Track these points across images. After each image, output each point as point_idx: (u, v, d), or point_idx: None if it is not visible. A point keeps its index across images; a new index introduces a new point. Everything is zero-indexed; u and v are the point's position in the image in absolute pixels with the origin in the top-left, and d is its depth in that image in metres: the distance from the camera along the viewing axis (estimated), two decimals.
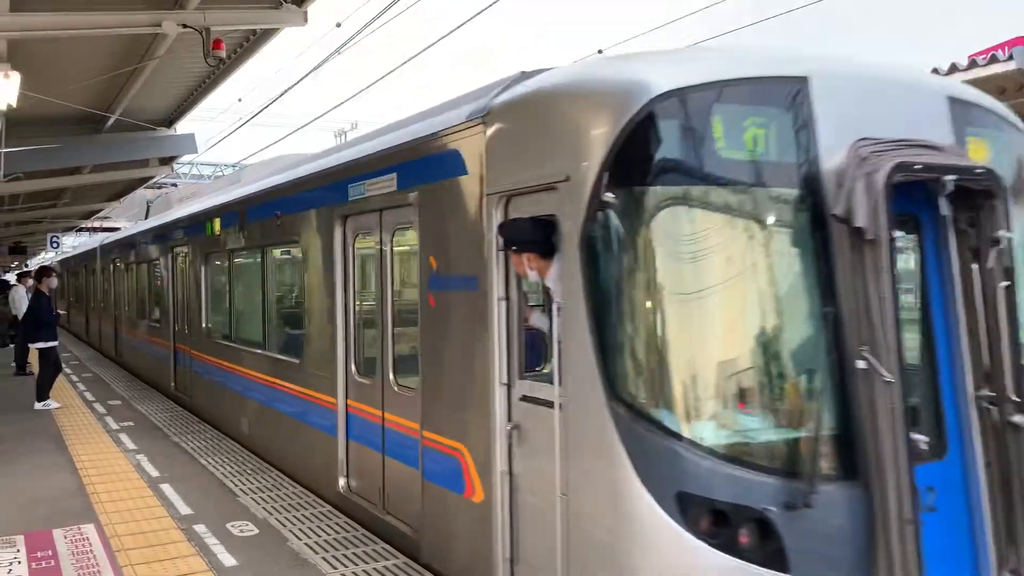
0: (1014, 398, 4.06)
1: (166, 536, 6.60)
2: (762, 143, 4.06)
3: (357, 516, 6.87)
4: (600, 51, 5.89)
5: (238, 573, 5.77)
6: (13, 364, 17.38)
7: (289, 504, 7.38)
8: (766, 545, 3.76)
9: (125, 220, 33.73)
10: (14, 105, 8.62)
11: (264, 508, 7.26)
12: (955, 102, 4.61)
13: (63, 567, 5.97)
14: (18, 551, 6.34)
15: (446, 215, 5.47)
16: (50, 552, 6.29)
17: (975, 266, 4.21)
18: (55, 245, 30.59)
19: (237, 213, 10.16)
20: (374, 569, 5.78)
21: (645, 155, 4.01)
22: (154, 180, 21.00)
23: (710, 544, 3.74)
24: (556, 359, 4.29)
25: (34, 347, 13.37)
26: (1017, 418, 4.05)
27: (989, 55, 9.40)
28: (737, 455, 3.86)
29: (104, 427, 11.26)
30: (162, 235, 14.54)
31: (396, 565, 5.85)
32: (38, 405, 12.72)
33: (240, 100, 22.36)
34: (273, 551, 6.20)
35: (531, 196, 4.60)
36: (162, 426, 11.24)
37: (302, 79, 14.19)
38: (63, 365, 14.95)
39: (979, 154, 4.54)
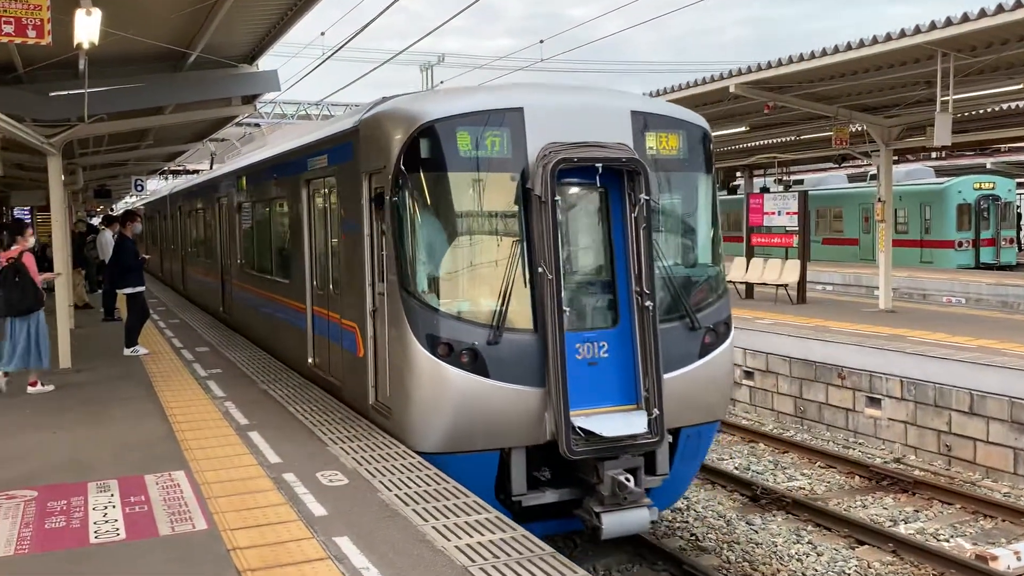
0: (646, 291, 7.68)
1: (255, 484, 6.93)
2: (495, 146, 7.63)
3: (317, 380, 10.70)
4: (411, 92, 9.68)
5: (328, 523, 6.02)
6: (102, 310, 18.32)
7: (379, 455, 7.64)
8: (476, 363, 7.42)
9: (207, 162, 34.83)
10: (96, 43, 8.93)
11: (354, 458, 7.53)
12: (635, 113, 8.17)
13: (155, 512, 6.34)
14: (112, 495, 6.77)
15: (347, 183, 9.17)
16: (143, 497, 6.70)
17: (633, 215, 7.78)
18: (139, 188, 31.79)
19: (253, 173, 14.27)
20: (464, 523, 5.94)
21: (419, 155, 7.62)
22: (237, 119, 21.50)
23: (445, 361, 7.41)
24: (385, 268, 8.10)
25: (121, 292, 14.07)
26: (647, 303, 7.67)
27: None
28: (461, 316, 7.55)
29: (192, 374, 11.81)
30: (211, 187, 18.64)
31: (487, 519, 6.01)
32: (127, 351, 13.42)
33: (323, 34, 22.58)
34: (363, 502, 6.45)
35: (377, 175, 8.26)
36: (250, 373, 11.71)
37: (385, 10, 14.26)
38: (150, 311, 15.65)
39: (669, 143, 8.27)
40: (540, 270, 7.44)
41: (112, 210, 42.07)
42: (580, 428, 7.35)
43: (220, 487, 6.88)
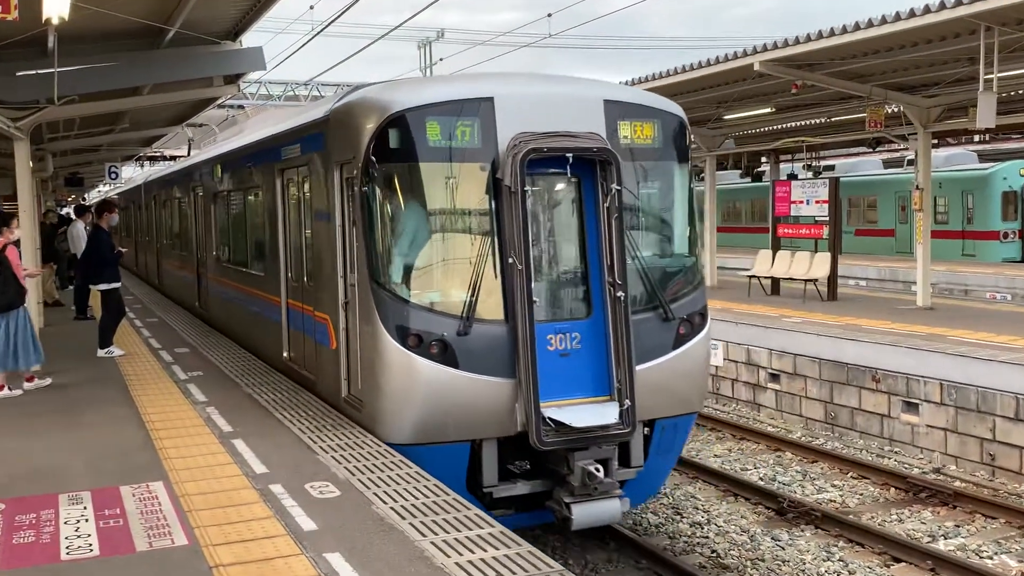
0: (618, 282, 8.21)
1: (239, 496, 6.95)
2: (466, 136, 8.14)
3: (291, 374, 11.30)
4: (383, 81, 10.22)
5: (318, 538, 6.04)
6: (73, 307, 18.37)
7: (373, 464, 7.65)
8: (445, 353, 7.98)
9: (187, 148, 34.86)
10: (66, 17, 8.93)
11: (346, 468, 7.55)
12: (609, 102, 8.69)
13: (132, 526, 6.37)
14: (85, 508, 6.79)
15: (319, 173, 9.70)
16: (118, 510, 6.72)
17: (605, 205, 8.29)
18: (114, 176, 31.85)
19: (229, 162, 14.84)
20: (466, 537, 5.96)
21: (388, 145, 8.16)
22: (219, 101, 21.52)
23: (414, 352, 7.97)
24: (355, 259, 8.66)
25: (95, 288, 14.09)
26: (619, 293, 8.20)
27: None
28: (430, 307, 8.13)
29: (171, 376, 11.84)
30: (186, 175, 19.36)
31: (491, 534, 6.02)
32: (101, 352, 13.45)
33: (312, 8, 22.57)
34: (356, 515, 6.46)
35: (347, 165, 8.78)
36: (234, 376, 11.74)
37: None
38: (126, 308, 15.69)
39: (643, 132, 8.77)
40: (510, 260, 7.99)
41: (84, 199, 42.17)
42: (550, 419, 7.91)
43: (202, 499, 6.90)
